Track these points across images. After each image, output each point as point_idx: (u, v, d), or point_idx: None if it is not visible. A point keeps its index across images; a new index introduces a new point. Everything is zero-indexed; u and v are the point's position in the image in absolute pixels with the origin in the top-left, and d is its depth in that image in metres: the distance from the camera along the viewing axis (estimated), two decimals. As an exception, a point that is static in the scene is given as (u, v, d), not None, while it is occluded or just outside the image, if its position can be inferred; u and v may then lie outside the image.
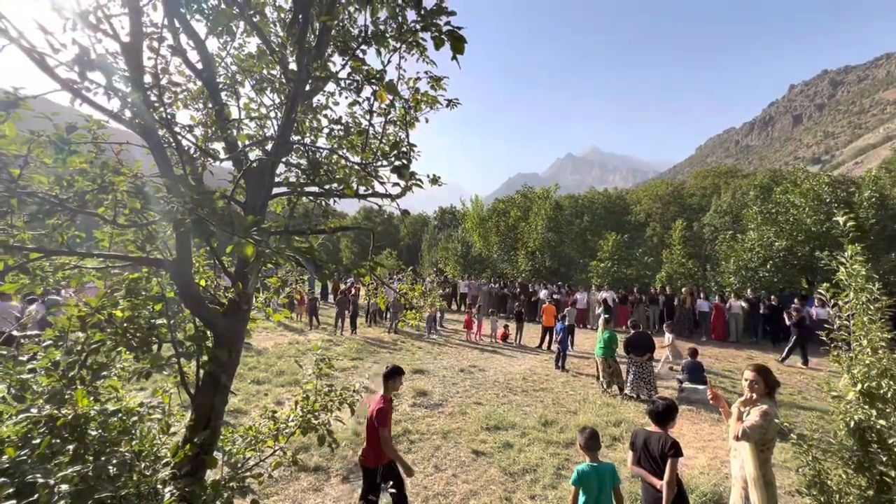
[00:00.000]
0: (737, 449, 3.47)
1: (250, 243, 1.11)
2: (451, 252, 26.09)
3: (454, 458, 5.87)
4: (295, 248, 1.22)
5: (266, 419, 2.32)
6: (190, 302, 1.66)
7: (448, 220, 39.58)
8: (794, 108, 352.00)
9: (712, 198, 32.45)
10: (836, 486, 3.16)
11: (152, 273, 1.85)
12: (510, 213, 25.87)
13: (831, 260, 3.51)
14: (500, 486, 5.20)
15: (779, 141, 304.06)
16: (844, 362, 3.20)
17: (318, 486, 5.17)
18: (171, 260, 1.63)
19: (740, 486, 3.39)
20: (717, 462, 5.78)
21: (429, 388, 8.77)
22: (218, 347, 1.74)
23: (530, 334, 14.05)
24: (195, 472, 1.74)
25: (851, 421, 3.04)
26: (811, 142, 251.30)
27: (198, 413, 1.72)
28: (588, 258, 22.83)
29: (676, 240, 20.69)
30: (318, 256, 1.79)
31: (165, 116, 1.55)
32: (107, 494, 1.27)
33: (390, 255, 31.30)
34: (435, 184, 2.38)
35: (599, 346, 8.79)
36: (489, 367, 10.70)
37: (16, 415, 1.34)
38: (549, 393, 8.72)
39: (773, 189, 19.82)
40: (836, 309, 3.29)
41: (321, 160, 1.86)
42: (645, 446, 3.59)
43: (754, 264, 16.03)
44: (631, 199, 36.32)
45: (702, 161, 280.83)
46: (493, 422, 7.01)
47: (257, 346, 12.40)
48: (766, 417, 3.21)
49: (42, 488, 1.16)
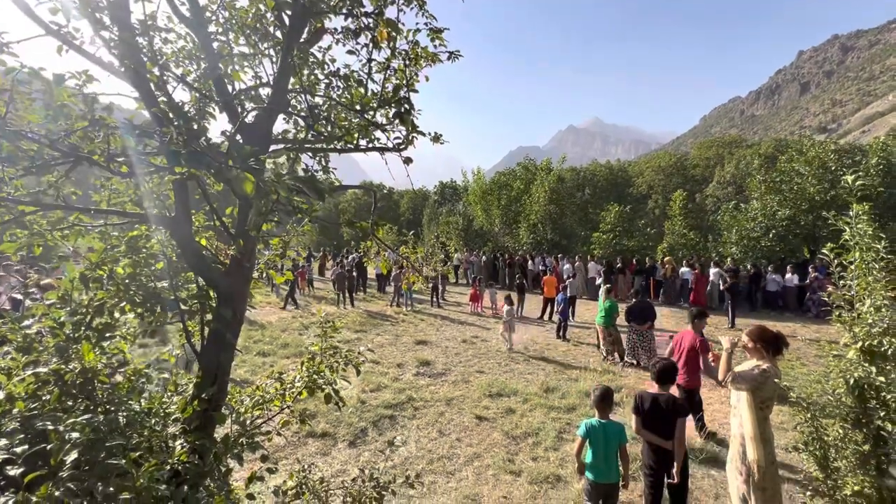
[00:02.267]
0: (736, 407, 3.53)
1: (249, 176, 1.08)
2: (453, 226, 26.02)
3: (458, 424, 6.01)
4: (298, 177, 1.19)
5: (272, 380, 2.35)
6: (191, 259, 1.64)
7: (448, 194, 39.27)
8: (802, 75, 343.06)
9: (715, 169, 32.05)
10: (832, 442, 3.23)
11: (152, 231, 1.83)
12: (512, 186, 25.62)
13: (837, 220, 3.47)
14: (503, 448, 5.34)
15: (785, 110, 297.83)
16: (847, 322, 3.21)
17: (326, 451, 5.31)
18: (170, 217, 1.61)
19: (738, 442, 3.46)
20: (714, 424, 5.91)
21: (432, 359, 8.91)
22: (221, 306, 1.73)
23: (532, 305, 14.16)
24: (204, 427, 1.77)
25: (851, 378, 3.07)
26: (818, 110, 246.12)
27: (204, 370, 1.73)
28: (589, 230, 22.77)
29: (677, 211, 20.54)
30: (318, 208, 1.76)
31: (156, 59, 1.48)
32: (118, 443, 1.29)
33: (391, 230, 31.24)
34: (437, 141, 2.32)
35: (601, 315, 8.86)
36: (491, 337, 10.83)
37: (22, 369, 1.34)
38: (551, 361, 8.85)
39: (778, 158, 19.54)
40: (839, 269, 3.28)
41: (320, 110, 1.80)
42: (652, 408, 3.63)
43: (756, 234, 15.96)
44: (633, 170, 35.90)
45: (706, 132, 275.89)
46: (495, 389, 7.14)
47: (261, 320, 12.54)
48: (763, 374, 3.25)
49: (53, 434, 1.17)
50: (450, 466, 4.96)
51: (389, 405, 6.53)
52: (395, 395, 6.92)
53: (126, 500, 1.20)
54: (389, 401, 6.67)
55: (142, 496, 1.23)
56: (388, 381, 7.53)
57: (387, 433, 5.76)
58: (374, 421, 6.05)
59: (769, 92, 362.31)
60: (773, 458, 3.41)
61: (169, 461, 1.57)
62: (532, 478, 4.66)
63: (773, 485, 3.39)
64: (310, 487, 1.83)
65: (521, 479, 4.68)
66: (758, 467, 3.31)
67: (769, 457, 3.36)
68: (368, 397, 6.84)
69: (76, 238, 1.68)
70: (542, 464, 4.95)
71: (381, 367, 8.39)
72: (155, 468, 1.35)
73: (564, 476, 4.71)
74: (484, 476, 4.76)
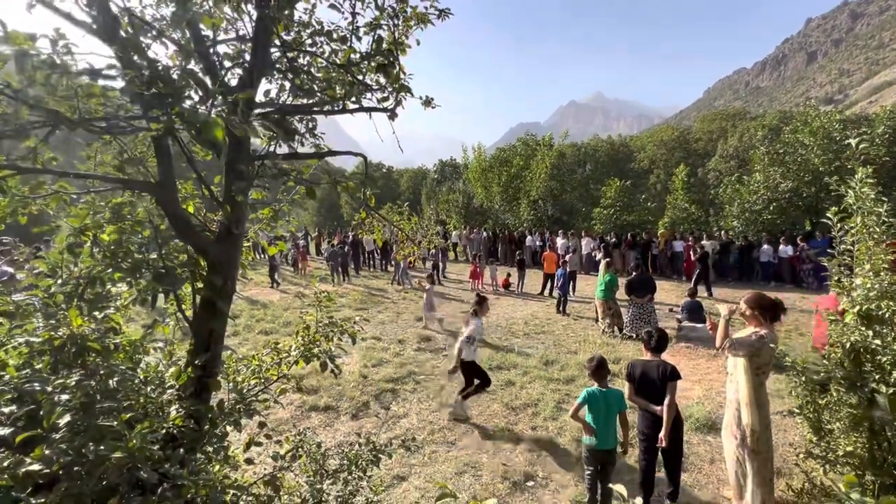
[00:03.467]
0: (732, 373, 3.56)
1: (218, 120, 1.04)
2: (453, 204, 25.88)
3: (458, 396, 6.09)
4: (267, 116, 1.15)
5: (269, 349, 2.35)
6: (179, 226, 1.62)
7: (448, 172, 38.94)
8: (810, 44, 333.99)
9: (718, 142, 31.59)
10: (827, 405, 3.27)
11: (136, 198, 1.80)
12: (512, 163, 25.35)
13: (840, 185, 3.42)
14: (503, 419, 5.43)
15: (791, 81, 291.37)
16: (846, 287, 3.20)
17: (329, 423, 5.41)
18: (155, 183, 1.57)
19: (734, 408, 3.50)
20: (711, 393, 5.99)
21: (433, 334, 8.99)
22: (212, 274, 1.72)
23: (532, 282, 14.19)
24: (199, 394, 1.78)
25: (848, 342, 3.08)
26: (824, 80, 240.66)
27: (196, 338, 1.73)
28: (590, 206, 22.62)
29: (679, 185, 20.36)
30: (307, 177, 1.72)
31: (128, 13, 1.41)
32: (109, 404, 1.29)
33: (391, 209, 31.10)
34: (428, 105, 2.26)
35: (600, 289, 8.88)
36: (491, 313, 10.86)
37: (8, 332, 1.34)
38: (550, 335, 8.92)
39: (782, 130, 19.23)
40: (840, 233, 3.25)
41: (304, 68, 1.73)
42: (643, 375, 3.69)
43: (758, 207, 15.84)
44: (635, 145, 35.45)
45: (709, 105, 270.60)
46: (495, 362, 7.21)
47: (263, 299, 12.63)
48: (760, 340, 3.26)
49: (41, 395, 1.18)
50: (450, 437, 5.05)
51: (391, 379, 6.62)
52: (397, 369, 7.01)
53: (119, 460, 1.21)
54: (391, 375, 6.76)
55: (135, 456, 1.24)
56: (390, 357, 7.62)
57: (389, 406, 5.86)
58: (375, 394, 6.14)
59: (775, 63, 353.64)
60: (768, 423, 3.46)
61: (164, 425, 1.58)
62: (531, 446, 4.75)
63: (766, 448, 3.45)
64: (306, 450, 1.86)
65: (520, 447, 4.77)
66: (751, 431, 3.36)
67: (764, 421, 3.41)
68: (370, 372, 6.93)
69: (57, 203, 1.65)
70: (541, 432, 5.04)
71: (382, 343, 8.47)
72: (149, 430, 1.35)
73: (563, 443, 4.80)
74: (484, 445, 4.85)
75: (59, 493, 1.23)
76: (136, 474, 1.26)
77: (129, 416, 1.33)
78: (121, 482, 1.25)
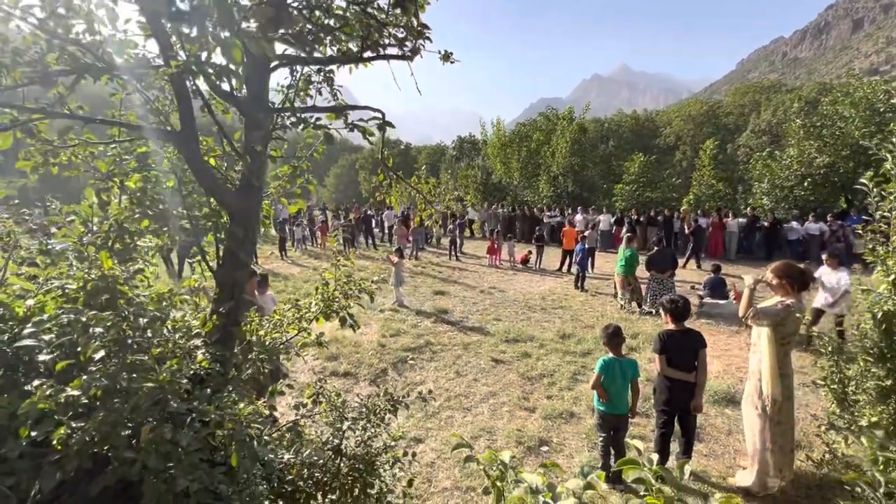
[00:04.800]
0: (756, 344, 3.49)
1: (237, 42, 1.04)
2: (471, 179, 25.64)
3: (475, 366, 6.18)
4: (282, 32, 1.14)
5: (289, 306, 2.41)
6: (201, 176, 1.65)
7: (467, 149, 38.43)
8: (856, 10, 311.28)
9: (750, 116, 30.19)
10: (853, 376, 3.18)
11: (160, 149, 1.84)
12: (532, 138, 24.81)
13: (879, 149, 3.23)
14: (518, 388, 5.49)
15: (833, 51, 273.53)
16: (880, 255, 3.06)
17: (349, 389, 5.57)
18: (177, 132, 1.60)
19: (756, 378, 3.45)
20: (731, 368, 5.91)
21: (450, 307, 9.07)
22: (234, 225, 1.76)
23: (550, 258, 14.08)
24: (224, 341, 1.85)
25: (879, 312, 2.96)
26: (870, 50, 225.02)
27: (220, 287, 1.79)
28: (612, 183, 22.10)
29: (706, 161, 19.60)
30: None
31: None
32: (140, 341, 1.35)
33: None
34: (447, 60, 2.21)
35: (620, 265, 8.75)
36: (509, 288, 10.90)
37: (44, 271, 1.41)
38: (568, 310, 8.89)
39: (821, 102, 18.19)
40: (877, 199, 3.09)
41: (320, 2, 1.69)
42: (676, 345, 3.60)
43: (790, 183, 15.20)
44: (661, 120, 34.19)
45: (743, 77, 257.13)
46: (511, 335, 7.26)
47: (284, 272, 12.92)
48: (787, 309, 3.17)
49: (76, 324, 1.24)
50: (466, 403, 5.15)
51: (408, 349, 6.75)
52: (414, 339, 7.13)
53: (150, 390, 1.27)
54: (409, 345, 6.88)
55: (165, 388, 1.31)
56: (408, 328, 7.74)
57: (406, 374, 5.99)
58: (393, 362, 6.28)
59: (816, 31, 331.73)
60: (791, 394, 3.41)
61: (192, 367, 1.64)
62: (546, 413, 4.81)
63: (788, 419, 3.40)
64: (326, 396, 1.93)
65: (535, 414, 4.84)
66: (773, 402, 3.32)
67: (786, 391, 3.35)
68: (388, 342, 7.07)
69: (83, 151, 1.69)
70: (557, 402, 5.09)
71: (400, 314, 8.60)
72: (177, 368, 1.42)
73: (578, 412, 4.84)
74: (499, 412, 4.93)
75: (96, 421, 1.30)
76: (166, 406, 1.33)
77: (158, 352, 1.40)
78: (152, 412, 1.32)
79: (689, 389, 3.54)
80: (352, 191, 45.34)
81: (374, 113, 1.94)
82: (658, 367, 3.65)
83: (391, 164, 2.67)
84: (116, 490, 1.60)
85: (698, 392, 3.53)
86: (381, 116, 1.96)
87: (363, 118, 1.84)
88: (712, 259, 13.64)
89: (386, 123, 1.76)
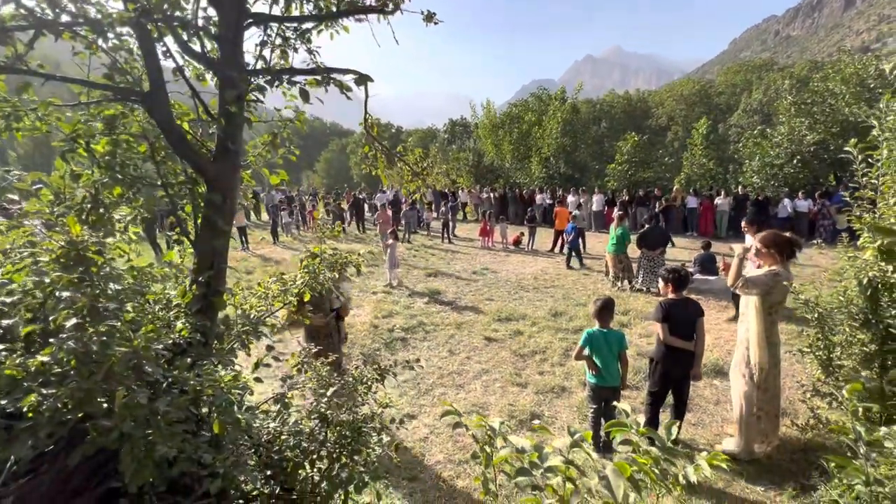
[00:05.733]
0: (744, 313, 3.52)
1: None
2: (463, 162, 25.43)
3: (467, 344, 6.21)
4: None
5: (274, 279, 2.37)
6: (174, 140, 1.58)
7: (459, 132, 38.04)
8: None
9: (742, 96, 30.07)
10: (839, 342, 3.23)
11: (129, 111, 1.76)
12: (523, 119, 24.56)
13: (868, 116, 3.21)
14: (511, 365, 5.53)
15: (825, 29, 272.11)
16: (867, 221, 3.07)
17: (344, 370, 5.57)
18: (146, 92, 1.53)
19: (744, 346, 3.49)
20: (720, 341, 6.00)
21: (443, 289, 9.06)
22: (211, 192, 1.70)
23: (543, 239, 14.10)
24: (205, 312, 1.81)
25: (865, 278, 2.99)
26: (862, 28, 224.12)
27: (200, 256, 1.74)
28: (604, 164, 22.03)
29: (698, 140, 19.56)
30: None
31: None
32: (114, 307, 1.30)
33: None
34: (430, 21, 2.13)
35: (612, 243, 8.77)
36: (501, 269, 10.91)
37: (6, 235, 1.35)
38: (560, 289, 8.93)
39: (812, 79, 18.15)
40: (863, 166, 3.08)
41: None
42: (677, 314, 3.60)
43: (780, 160, 15.24)
44: (653, 100, 33.98)
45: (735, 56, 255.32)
46: (504, 314, 7.28)
47: (276, 257, 12.82)
48: (775, 277, 3.19)
49: (41, 285, 1.19)
50: (459, 380, 5.18)
51: (401, 329, 6.75)
52: (407, 320, 7.12)
53: (124, 355, 1.23)
54: (401, 325, 6.88)
55: (139, 354, 1.27)
56: (400, 309, 7.73)
57: (399, 353, 5.99)
58: (386, 342, 6.29)
59: (809, 9, 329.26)
60: (777, 361, 3.45)
61: (171, 336, 1.60)
62: (538, 389, 4.85)
63: (774, 386, 3.46)
64: (311, 366, 1.91)
65: (527, 389, 4.88)
66: (760, 369, 3.36)
67: (773, 359, 3.39)
68: (381, 322, 7.06)
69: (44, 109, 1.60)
70: (548, 377, 5.13)
71: (393, 296, 8.58)
72: (154, 334, 1.37)
73: (569, 387, 4.89)
74: (492, 388, 4.97)
75: (70, 387, 1.26)
76: (142, 372, 1.29)
77: (131, 317, 1.35)
78: (127, 379, 1.28)
79: (688, 358, 3.57)
80: (343, 176, 44.90)
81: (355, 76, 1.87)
82: (661, 336, 3.61)
83: (376, 135, 2.61)
84: (99, 461, 1.58)
85: (697, 360, 3.56)
86: (366, 79, 1.90)
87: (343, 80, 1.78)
88: (703, 237, 13.75)
89: (364, 77, 1.69)
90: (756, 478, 3.36)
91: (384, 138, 15.24)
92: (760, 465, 3.49)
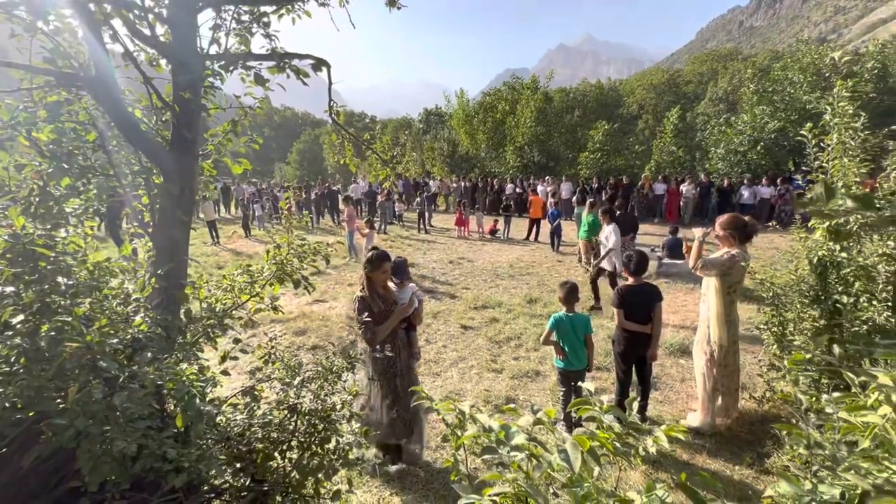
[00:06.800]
0: (705, 294, 3.67)
1: None
2: (438, 152, 25.30)
3: (444, 333, 6.25)
4: None
5: (240, 271, 2.32)
6: (125, 128, 1.51)
7: (433, 121, 37.76)
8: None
9: (708, 85, 30.92)
10: (791, 318, 3.41)
11: (75, 97, 1.67)
12: (497, 108, 24.58)
13: (820, 102, 3.37)
14: (487, 351, 5.61)
15: (785, 20, 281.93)
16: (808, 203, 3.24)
17: (317, 362, 5.53)
18: (91, 77, 1.45)
19: (705, 325, 3.64)
20: (687, 322, 6.23)
21: (419, 278, 9.07)
22: (167, 181, 1.64)
23: (518, 228, 14.25)
24: (167, 305, 1.76)
25: (815, 258, 3.16)
26: (819, 19, 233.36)
27: (158, 248, 1.68)
28: (577, 152, 22.34)
29: (668, 130, 20.06)
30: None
31: None
32: (65, 302, 1.26)
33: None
34: (393, 6, 2.10)
35: (583, 230, 8.94)
36: (478, 258, 10.99)
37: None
38: (535, 276, 9.08)
39: (773, 68, 18.83)
40: (816, 150, 3.24)
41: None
42: (632, 299, 3.74)
43: (744, 147, 15.82)
44: (624, 89, 34.57)
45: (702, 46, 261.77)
46: (480, 302, 7.36)
47: (248, 251, 12.53)
48: (731, 259, 3.33)
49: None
50: (436, 369, 5.22)
51: (377, 320, 6.72)
52: (383, 311, 7.10)
53: (76, 350, 1.19)
54: (377, 316, 6.85)
55: (93, 348, 1.23)
56: (376, 300, 7.69)
57: (375, 344, 5.98)
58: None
59: (771, 0, 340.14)
60: (736, 339, 3.62)
61: (129, 331, 1.56)
62: (513, 374, 4.94)
63: (733, 362, 3.63)
64: (278, 356, 1.89)
65: (502, 375, 4.97)
66: (720, 346, 3.52)
67: (732, 337, 3.56)
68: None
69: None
70: (523, 362, 5.24)
71: (369, 287, 8.53)
72: (108, 327, 1.33)
73: (543, 371, 5.00)
74: (468, 375, 5.03)
75: (19, 385, 1.22)
76: (95, 368, 1.25)
77: (83, 312, 1.31)
78: (81, 375, 1.24)
79: (645, 340, 3.71)
80: (317, 167, 43.99)
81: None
82: (616, 320, 3.81)
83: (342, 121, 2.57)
84: (56, 463, 1.53)
85: (653, 342, 3.70)
86: (327, 66, 1.86)
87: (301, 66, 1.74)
88: (667, 223, 14.17)
89: (321, 62, 1.66)
90: (717, 450, 3.54)
91: (359, 130, 15.30)
92: (722, 437, 3.68)
